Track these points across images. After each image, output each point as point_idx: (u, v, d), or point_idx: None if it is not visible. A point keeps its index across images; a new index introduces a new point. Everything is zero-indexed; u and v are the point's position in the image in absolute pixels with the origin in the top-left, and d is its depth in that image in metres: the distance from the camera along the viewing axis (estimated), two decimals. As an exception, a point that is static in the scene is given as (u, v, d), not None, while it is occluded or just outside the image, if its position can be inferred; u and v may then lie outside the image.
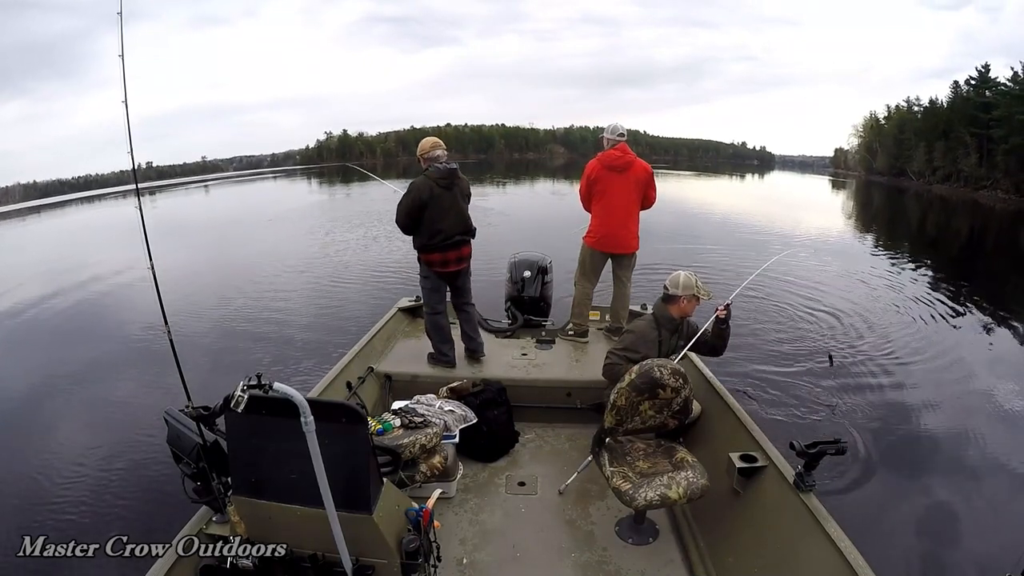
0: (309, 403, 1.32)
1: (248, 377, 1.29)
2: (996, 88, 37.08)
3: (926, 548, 3.16)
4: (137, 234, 1.68)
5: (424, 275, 3.31)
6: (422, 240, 3.18)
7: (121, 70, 1.59)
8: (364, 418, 1.50)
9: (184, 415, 1.69)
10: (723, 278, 7.88)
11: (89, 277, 10.69)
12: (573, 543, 2.26)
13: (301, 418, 1.31)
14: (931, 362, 5.94)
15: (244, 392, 1.27)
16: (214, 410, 1.57)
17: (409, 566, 1.55)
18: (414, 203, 3.09)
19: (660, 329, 2.66)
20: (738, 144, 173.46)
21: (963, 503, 3.56)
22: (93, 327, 7.62)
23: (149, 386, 5.14)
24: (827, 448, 1.91)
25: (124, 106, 1.63)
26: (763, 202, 23.09)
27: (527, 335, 3.97)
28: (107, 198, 48.34)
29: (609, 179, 3.61)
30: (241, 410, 1.27)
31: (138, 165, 1.67)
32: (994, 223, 22.82)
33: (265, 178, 68.59)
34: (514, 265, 4.38)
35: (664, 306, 2.67)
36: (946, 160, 40.25)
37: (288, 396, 1.30)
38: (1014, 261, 13.88)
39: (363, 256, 11.53)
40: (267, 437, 1.50)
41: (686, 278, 2.60)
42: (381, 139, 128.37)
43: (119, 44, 1.56)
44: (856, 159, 65.22)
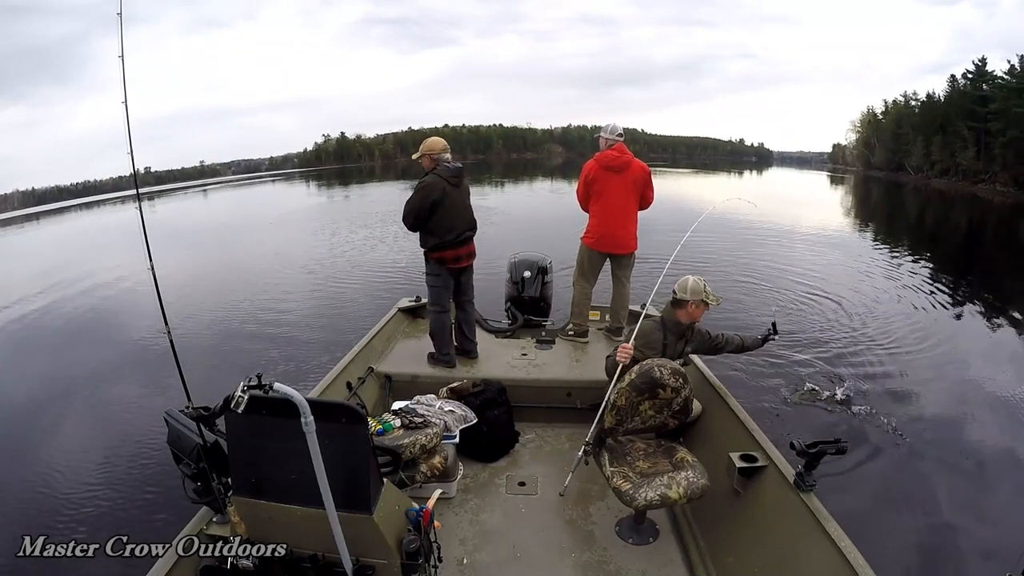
0: (309, 403, 1.32)
1: (248, 377, 1.29)
2: (993, 82, 36.98)
3: (926, 548, 3.16)
4: (136, 238, 1.69)
5: (435, 273, 3.32)
6: (436, 238, 3.21)
7: (121, 70, 1.59)
8: (364, 418, 1.50)
9: (184, 416, 1.69)
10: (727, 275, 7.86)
11: (89, 280, 10.71)
12: (573, 543, 2.26)
13: (301, 418, 1.31)
14: (934, 358, 5.94)
15: (244, 392, 1.27)
16: (214, 410, 1.57)
17: (409, 566, 1.55)
18: (426, 201, 3.11)
19: (666, 333, 2.60)
20: (736, 141, 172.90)
21: (964, 503, 3.56)
22: (94, 329, 7.62)
23: (149, 387, 5.14)
24: (827, 448, 1.90)
25: (124, 106, 1.63)
26: (761, 199, 22.78)
27: (527, 335, 3.97)
28: (106, 204, 47.95)
29: (607, 179, 3.62)
30: (241, 410, 1.27)
31: (137, 169, 1.67)
32: (993, 216, 22.79)
33: (264, 181, 68.37)
34: (514, 265, 4.38)
35: (672, 311, 2.60)
36: (944, 154, 40.21)
37: (288, 396, 1.30)
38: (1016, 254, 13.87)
39: (363, 257, 11.54)
40: (267, 437, 1.50)
41: (695, 283, 2.53)
42: (379, 141, 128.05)
43: (119, 45, 1.57)
44: (854, 154, 65.44)
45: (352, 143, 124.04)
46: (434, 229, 3.18)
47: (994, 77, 37.18)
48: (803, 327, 6.81)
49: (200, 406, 1.63)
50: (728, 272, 9.18)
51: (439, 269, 3.29)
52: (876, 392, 5.09)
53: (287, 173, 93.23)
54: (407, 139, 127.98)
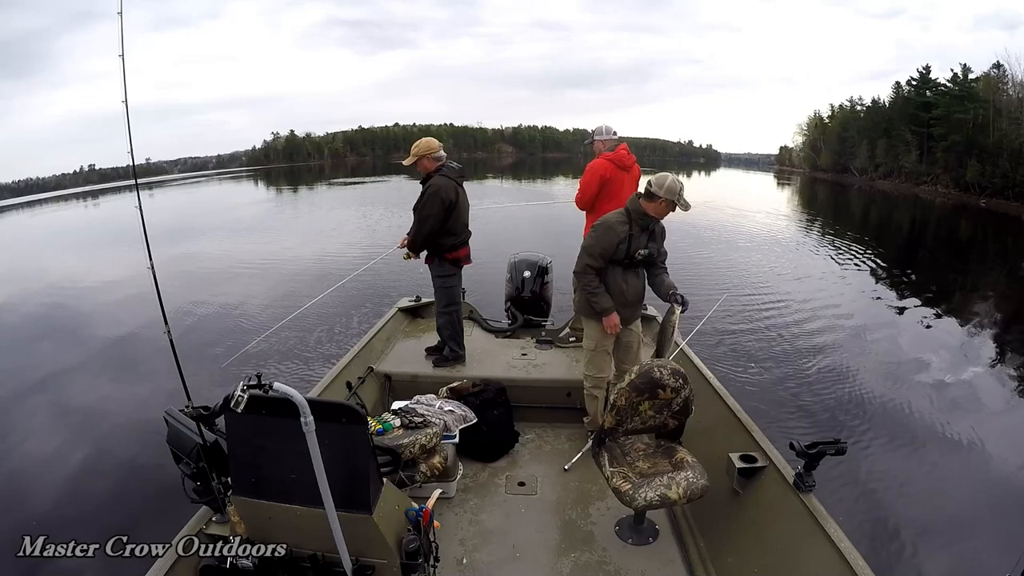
0: (309, 403, 1.32)
1: (248, 377, 1.29)
2: (936, 89, 38.62)
3: (926, 548, 3.16)
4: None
5: (449, 273, 3.34)
6: (453, 238, 3.24)
7: (121, 70, 1.59)
8: (364, 418, 1.50)
9: (184, 415, 1.69)
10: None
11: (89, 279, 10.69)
12: (573, 543, 2.26)
13: (301, 418, 1.31)
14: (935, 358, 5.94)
15: (244, 392, 1.27)
16: (214, 410, 1.57)
17: (409, 566, 1.55)
18: (444, 204, 3.11)
19: (631, 224, 2.57)
20: (685, 143, 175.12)
21: (964, 503, 3.56)
22: (94, 328, 7.61)
23: (149, 386, 5.14)
24: (827, 448, 1.90)
25: (124, 105, 1.63)
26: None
27: (527, 335, 3.97)
28: (47, 203, 46.26)
29: (620, 178, 3.63)
30: (241, 410, 1.27)
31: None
32: (933, 216, 23.87)
33: (210, 181, 65.98)
34: (514, 265, 4.38)
35: (640, 203, 2.57)
36: (888, 157, 41.60)
37: (288, 396, 1.30)
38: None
39: (363, 257, 11.53)
40: (267, 437, 1.50)
41: (672, 182, 2.49)
42: (329, 139, 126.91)
43: (119, 44, 1.56)
44: (800, 156, 66.41)
45: (301, 141, 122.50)
46: (451, 229, 3.21)
47: (937, 84, 38.92)
48: (803, 331, 6.82)
49: (200, 405, 1.63)
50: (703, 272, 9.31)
51: (453, 269, 3.33)
52: (876, 392, 5.09)
53: (233, 172, 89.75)
54: (357, 138, 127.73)
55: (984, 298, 9.40)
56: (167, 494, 2.11)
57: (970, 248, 16.14)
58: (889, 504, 3.53)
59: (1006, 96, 31.33)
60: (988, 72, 33.26)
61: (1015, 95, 30.78)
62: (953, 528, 3.31)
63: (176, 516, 1.82)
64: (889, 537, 3.17)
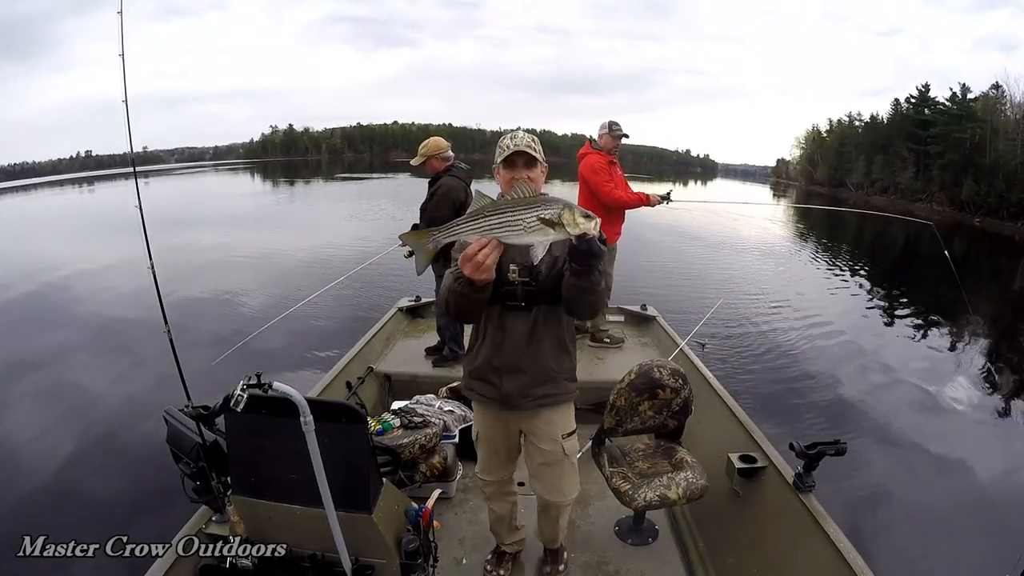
0: (309, 403, 1.32)
1: (248, 376, 1.29)
2: (934, 107, 39.04)
3: (926, 549, 3.16)
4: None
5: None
6: None
7: (121, 70, 1.59)
8: (364, 418, 1.50)
9: (184, 414, 1.68)
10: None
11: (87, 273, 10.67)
12: (572, 543, 2.26)
13: (301, 418, 1.31)
14: (934, 359, 5.95)
15: (244, 391, 1.27)
16: (214, 409, 1.57)
17: (408, 566, 1.55)
18: (454, 205, 3.10)
19: None
20: (682, 152, 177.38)
21: (963, 503, 3.56)
22: (93, 326, 7.61)
23: (148, 385, 5.13)
24: (827, 449, 1.90)
25: (124, 105, 1.63)
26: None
27: None
28: (41, 188, 46.27)
29: (618, 173, 3.65)
30: (241, 409, 1.27)
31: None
32: (930, 233, 23.21)
33: (206, 171, 65.85)
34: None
35: None
36: (884, 173, 42.03)
37: (288, 395, 1.30)
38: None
39: (362, 256, 11.52)
40: (267, 437, 1.50)
41: None
42: (327, 135, 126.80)
43: (120, 44, 1.56)
44: (797, 169, 66.97)
45: (299, 136, 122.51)
46: None
47: (936, 103, 39.28)
48: (802, 330, 6.82)
49: (199, 405, 1.63)
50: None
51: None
52: (876, 392, 5.09)
53: (231, 164, 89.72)
54: (355, 134, 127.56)
55: (979, 311, 9.39)
56: (167, 494, 2.11)
57: (963, 264, 16.06)
58: (889, 505, 3.53)
59: (1004, 117, 31.72)
60: (987, 92, 33.62)
61: (1013, 116, 31.18)
62: (953, 528, 3.31)
63: (176, 516, 1.82)
64: (889, 537, 3.17)
